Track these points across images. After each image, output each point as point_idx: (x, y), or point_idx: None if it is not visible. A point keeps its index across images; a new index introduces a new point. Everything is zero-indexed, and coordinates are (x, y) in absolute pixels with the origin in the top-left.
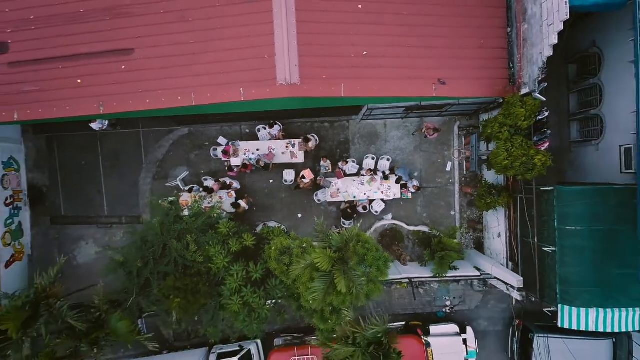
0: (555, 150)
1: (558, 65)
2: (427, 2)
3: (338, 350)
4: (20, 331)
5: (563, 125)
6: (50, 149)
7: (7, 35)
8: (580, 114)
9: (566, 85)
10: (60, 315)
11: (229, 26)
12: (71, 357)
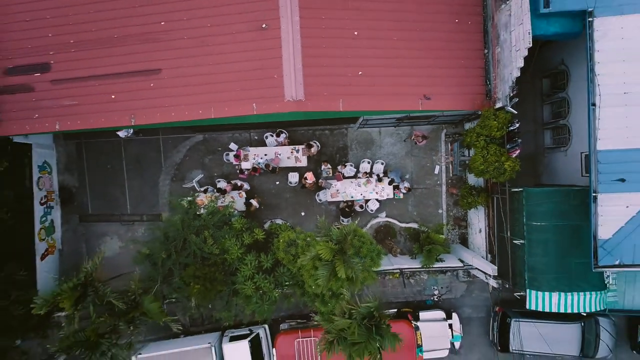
0: (531, 155)
1: (534, 79)
2: (413, 29)
3: (337, 322)
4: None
5: (538, 133)
6: (79, 154)
7: (50, 56)
8: (552, 123)
9: (541, 98)
10: (104, 295)
11: (243, 50)
12: (111, 334)
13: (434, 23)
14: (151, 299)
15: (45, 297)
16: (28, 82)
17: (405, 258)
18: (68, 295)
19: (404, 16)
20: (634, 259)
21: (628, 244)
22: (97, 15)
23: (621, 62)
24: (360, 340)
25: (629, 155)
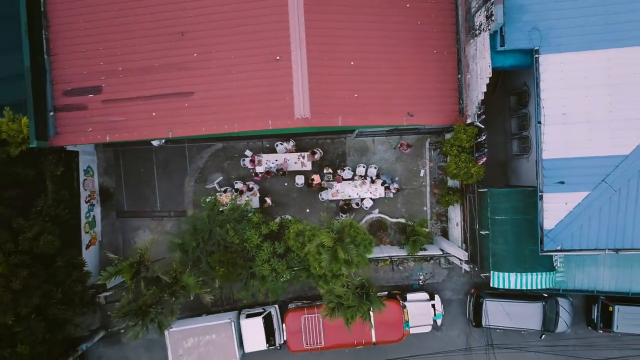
0: (502, 161)
1: (505, 96)
2: (399, 59)
3: (336, 290)
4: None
5: (507, 142)
6: (116, 159)
7: (102, 80)
8: (518, 134)
9: (509, 112)
10: (153, 271)
11: (261, 77)
12: (157, 304)
13: (417, 54)
14: (188, 275)
15: (110, 271)
16: (83, 102)
17: (395, 248)
18: (127, 271)
19: (391, 48)
20: (572, 245)
21: (567, 233)
22: (141, 48)
23: (560, 90)
24: (354, 304)
25: (567, 163)
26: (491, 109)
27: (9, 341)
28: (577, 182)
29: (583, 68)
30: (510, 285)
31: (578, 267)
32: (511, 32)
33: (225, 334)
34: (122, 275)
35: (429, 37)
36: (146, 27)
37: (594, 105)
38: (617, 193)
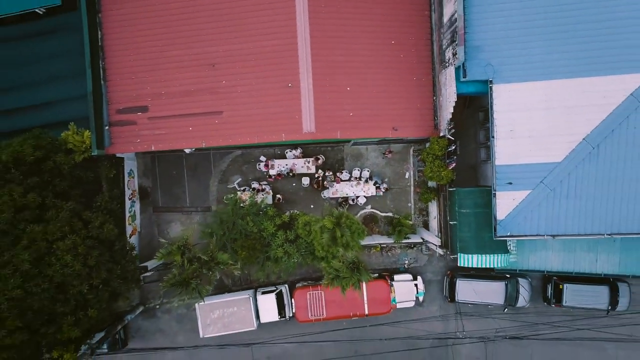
0: (473, 165)
1: (475, 112)
2: (386, 84)
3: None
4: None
5: (477, 150)
6: (153, 163)
7: (148, 101)
8: (484, 144)
9: (479, 125)
10: (194, 252)
11: (276, 100)
12: (196, 278)
13: (400, 80)
14: (222, 253)
15: (163, 252)
16: (132, 119)
17: (384, 237)
18: (176, 252)
19: (380, 76)
20: (518, 231)
21: (514, 222)
22: (180, 76)
23: (509, 112)
24: (347, 276)
25: (514, 168)
26: (465, 123)
27: (83, 306)
28: (522, 183)
29: (526, 95)
30: (473, 264)
31: (531, 252)
32: (471, 67)
33: (245, 307)
34: (173, 255)
35: (410, 67)
36: (184, 59)
37: (535, 124)
38: (552, 192)
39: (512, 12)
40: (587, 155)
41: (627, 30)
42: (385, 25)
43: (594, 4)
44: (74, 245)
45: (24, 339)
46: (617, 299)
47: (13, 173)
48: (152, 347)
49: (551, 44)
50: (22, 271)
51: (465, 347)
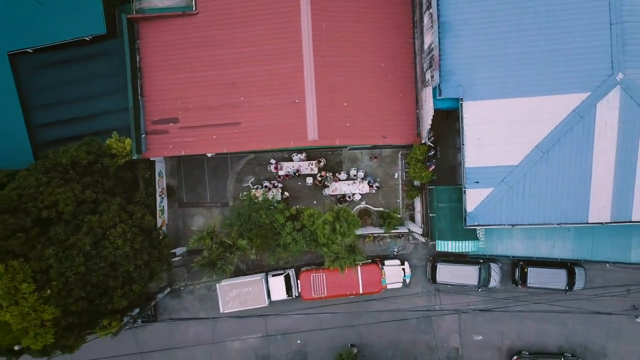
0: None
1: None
2: (377, 100)
3: (334, 248)
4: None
5: (455, 154)
6: (178, 165)
7: (179, 114)
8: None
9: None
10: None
11: (285, 113)
12: (219, 260)
13: (389, 97)
14: (241, 239)
15: (195, 238)
16: (165, 128)
17: (376, 228)
18: (206, 237)
19: (371, 93)
20: (484, 221)
21: (480, 214)
22: (206, 93)
23: (476, 124)
24: (345, 257)
25: (480, 170)
26: (446, 131)
27: (129, 282)
28: (486, 182)
29: (490, 111)
30: (449, 249)
31: (498, 239)
32: (445, 87)
33: (258, 287)
34: (204, 240)
35: (397, 85)
36: (209, 79)
37: (496, 134)
38: (511, 189)
39: (478, 43)
40: (539, 159)
41: (570, 59)
42: (376, 51)
43: (545, 37)
44: (123, 232)
45: (84, 307)
46: (574, 280)
47: (71, 174)
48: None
49: (510, 70)
50: (84, 252)
51: (445, 321)
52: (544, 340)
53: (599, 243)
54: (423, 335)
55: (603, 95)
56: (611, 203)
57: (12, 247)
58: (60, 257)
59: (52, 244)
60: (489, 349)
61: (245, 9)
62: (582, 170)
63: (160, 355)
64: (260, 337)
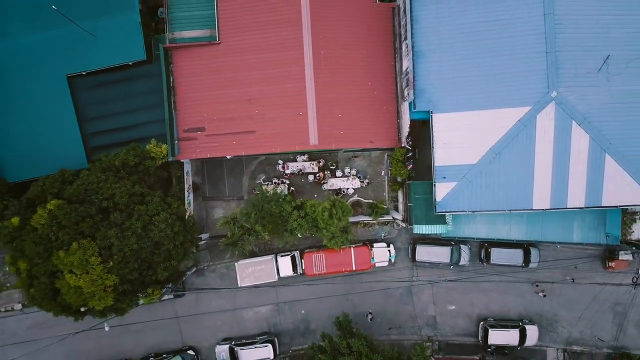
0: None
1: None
2: (364, 111)
3: (331, 229)
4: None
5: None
6: (202, 165)
7: (205, 124)
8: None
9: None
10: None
11: (292, 123)
12: (239, 240)
13: (374, 110)
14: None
15: (221, 222)
16: (194, 136)
17: (367, 216)
18: (231, 222)
19: (360, 106)
20: (450, 208)
21: (447, 203)
22: (228, 107)
23: (443, 131)
24: (340, 236)
25: (446, 168)
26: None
27: (169, 258)
28: (451, 177)
29: (454, 121)
30: (423, 232)
31: (465, 224)
32: (418, 102)
33: (270, 265)
34: (229, 224)
35: (381, 99)
36: (230, 96)
37: (459, 139)
38: (470, 183)
39: (445, 67)
40: (492, 159)
41: (516, 80)
42: (364, 73)
43: (496, 62)
44: (165, 219)
45: (135, 277)
46: (530, 258)
47: (122, 173)
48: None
49: (470, 88)
50: (136, 234)
51: (424, 294)
52: (506, 309)
53: (547, 227)
54: (405, 305)
55: (541, 109)
56: (550, 193)
57: (83, 229)
58: (119, 237)
59: (112, 227)
60: (461, 316)
61: (258, 40)
62: (526, 168)
63: (190, 320)
64: (270, 308)
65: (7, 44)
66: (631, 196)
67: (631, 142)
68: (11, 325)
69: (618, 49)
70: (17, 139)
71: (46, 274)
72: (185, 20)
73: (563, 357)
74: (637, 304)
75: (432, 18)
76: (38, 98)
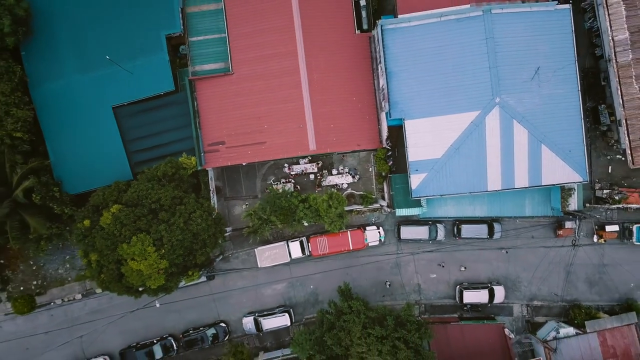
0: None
1: None
2: (351, 120)
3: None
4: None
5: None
6: (222, 171)
7: (225, 138)
8: None
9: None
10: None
11: (294, 134)
12: (260, 229)
13: (359, 119)
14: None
15: (245, 214)
16: (217, 148)
17: (359, 205)
18: (252, 214)
19: (349, 118)
20: (423, 193)
21: (420, 190)
22: (243, 124)
23: (414, 134)
24: (337, 221)
25: (418, 162)
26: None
27: (204, 246)
28: (422, 169)
29: (422, 125)
30: (404, 214)
31: (438, 206)
32: (393, 112)
33: (283, 249)
34: (250, 216)
35: (364, 110)
36: (243, 115)
37: (426, 139)
38: (437, 173)
39: (412, 83)
40: (453, 153)
41: (467, 90)
42: (349, 90)
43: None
44: (200, 215)
45: (180, 262)
46: (493, 231)
47: (163, 181)
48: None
49: (433, 99)
50: (180, 227)
51: (409, 266)
52: (477, 274)
53: (504, 205)
54: (394, 276)
55: (489, 112)
56: (500, 177)
57: (140, 226)
58: (167, 230)
59: (161, 223)
60: (441, 283)
61: (264, 69)
62: (480, 158)
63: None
64: (285, 285)
65: (63, 83)
66: (564, 176)
67: (560, 134)
68: (74, 312)
69: (545, 61)
70: (74, 159)
71: (113, 262)
72: (204, 56)
73: (526, 311)
74: (584, 264)
75: (399, 45)
76: (90, 125)
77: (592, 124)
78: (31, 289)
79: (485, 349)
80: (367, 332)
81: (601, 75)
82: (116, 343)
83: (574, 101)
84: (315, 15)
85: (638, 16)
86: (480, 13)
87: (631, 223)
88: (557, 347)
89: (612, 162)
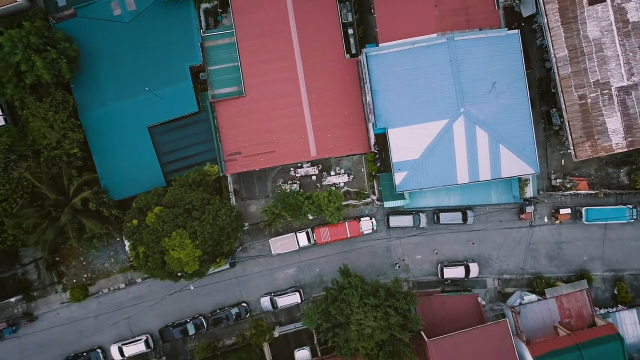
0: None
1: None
2: (346, 130)
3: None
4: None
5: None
6: (239, 176)
7: (241, 149)
8: None
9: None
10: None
11: (298, 143)
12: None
13: (352, 128)
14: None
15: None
16: (235, 158)
17: (354, 200)
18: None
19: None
20: (405, 188)
21: (402, 185)
22: (256, 137)
23: (396, 140)
24: (336, 213)
25: (400, 163)
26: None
27: (228, 237)
28: (404, 169)
29: (402, 133)
30: (391, 205)
31: (419, 198)
32: (378, 123)
33: (292, 238)
34: (266, 212)
35: (355, 120)
36: (255, 129)
37: (406, 144)
38: (416, 171)
39: (392, 99)
40: (428, 154)
41: (436, 103)
42: (343, 105)
43: (423, 93)
44: (225, 212)
45: (211, 250)
46: (467, 217)
47: (193, 186)
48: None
49: (409, 111)
50: (209, 222)
51: (398, 249)
52: (455, 254)
53: (474, 194)
54: (386, 258)
55: (455, 120)
56: (467, 172)
57: (178, 223)
58: (199, 226)
59: (194, 220)
60: (425, 262)
61: (271, 91)
62: (450, 158)
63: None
64: (295, 269)
65: (107, 109)
66: (519, 169)
67: (514, 135)
68: (118, 299)
69: (500, 77)
70: (117, 171)
71: (158, 252)
72: (220, 82)
73: (498, 283)
74: (545, 242)
75: (380, 68)
76: (129, 143)
77: (546, 125)
78: (82, 280)
79: (462, 315)
80: (363, 302)
81: (551, 84)
82: (155, 323)
83: (524, 108)
84: (312, 45)
85: (574, 37)
86: (445, 40)
87: (581, 206)
88: (521, 311)
89: (564, 156)
